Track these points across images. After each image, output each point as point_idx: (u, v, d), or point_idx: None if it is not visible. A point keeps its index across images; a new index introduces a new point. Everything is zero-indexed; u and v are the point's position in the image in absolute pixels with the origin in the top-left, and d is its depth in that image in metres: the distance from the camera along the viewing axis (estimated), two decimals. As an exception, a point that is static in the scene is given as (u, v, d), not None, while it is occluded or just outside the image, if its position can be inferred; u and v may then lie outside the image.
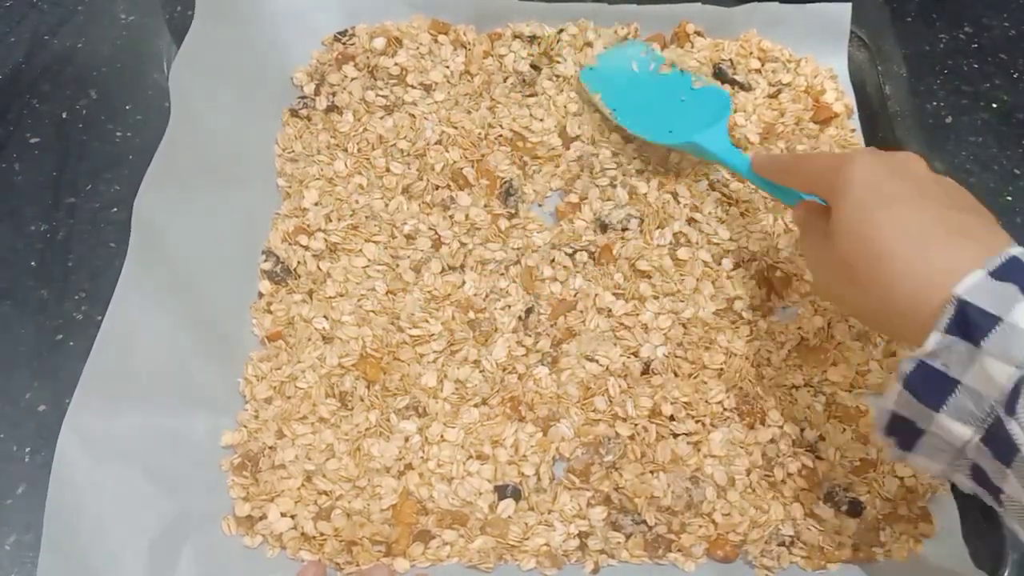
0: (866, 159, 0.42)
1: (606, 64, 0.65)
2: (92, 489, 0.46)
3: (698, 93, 0.62)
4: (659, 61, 0.64)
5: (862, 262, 0.40)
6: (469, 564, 0.48)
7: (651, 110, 0.62)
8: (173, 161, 0.55)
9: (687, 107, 0.61)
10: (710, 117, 0.59)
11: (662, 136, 0.60)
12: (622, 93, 0.63)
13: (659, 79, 0.63)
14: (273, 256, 0.57)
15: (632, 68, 0.64)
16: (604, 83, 0.63)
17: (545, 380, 0.53)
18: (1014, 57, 0.67)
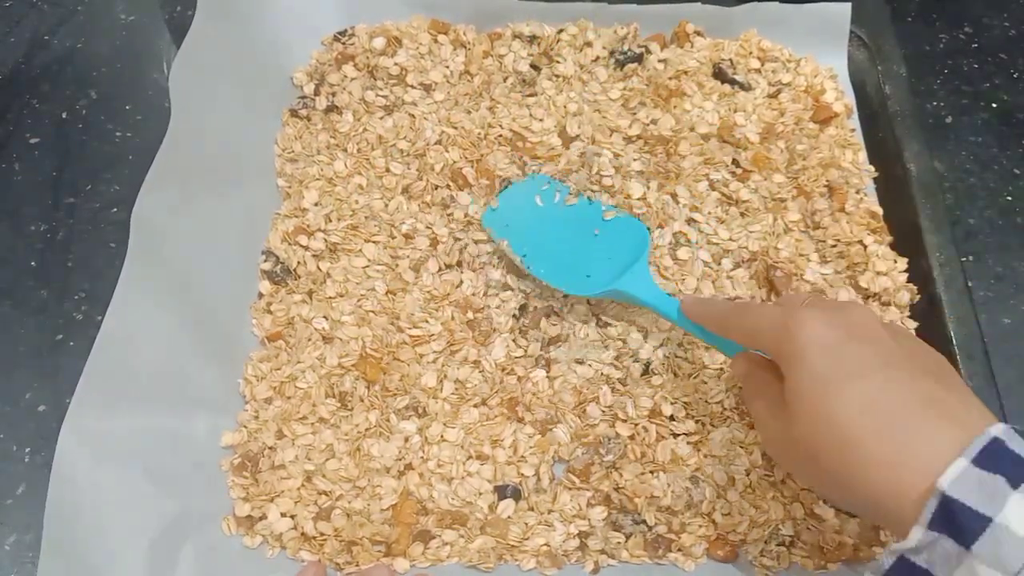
0: (816, 320, 0.38)
1: (509, 203, 0.59)
2: (92, 489, 0.46)
3: (611, 225, 0.57)
4: (564, 191, 0.59)
5: (827, 447, 0.36)
6: (469, 564, 0.48)
7: (564, 252, 0.57)
8: (174, 161, 0.55)
9: (601, 243, 0.57)
10: (628, 254, 0.54)
11: (580, 285, 0.55)
12: (530, 234, 0.57)
13: (567, 212, 0.59)
14: (273, 256, 0.57)
15: (536, 203, 0.59)
16: (510, 225, 0.58)
17: (542, 384, 0.53)
18: (1014, 57, 0.67)
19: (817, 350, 0.37)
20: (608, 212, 0.58)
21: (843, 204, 0.59)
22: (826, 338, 0.38)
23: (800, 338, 0.38)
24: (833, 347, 0.37)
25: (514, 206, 0.59)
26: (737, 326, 0.44)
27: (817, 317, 0.38)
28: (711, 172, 0.61)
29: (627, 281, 0.53)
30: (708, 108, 0.64)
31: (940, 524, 0.33)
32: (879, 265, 0.57)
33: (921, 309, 0.56)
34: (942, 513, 0.32)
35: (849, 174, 0.61)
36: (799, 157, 0.61)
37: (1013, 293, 0.57)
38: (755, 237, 0.58)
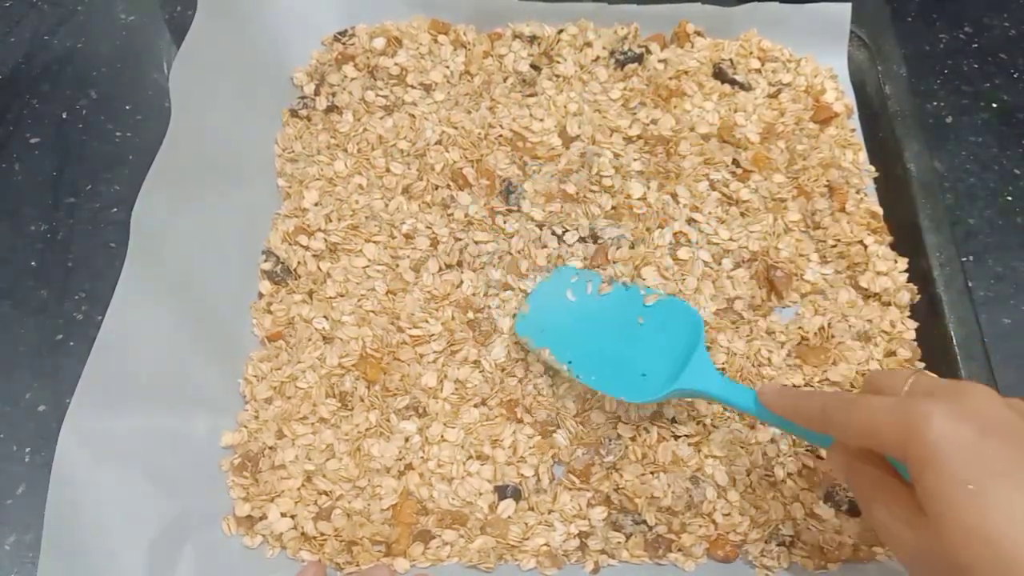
0: (943, 414, 0.34)
1: (540, 304, 0.55)
2: (92, 489, 0.46)
3: (656, 310, 0.53)
4: (596, 281, 0.55)
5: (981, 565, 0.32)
6: (469, 564, 0.48)
7: (611, 350, 0.52)
8: (174, 161, 0.55)
9: (649, 332, 0.52)
10: (681, 341, 0.50)
11: (637, 388, 0.50)
12: (570, 336, 0.53)
13: (604, 303, 0.54)
14: (273, 256, 0.57)
15: (569, 298, 0.55)
16: (546, 330, 0.53)
17: (545, 390, 0.53)
18: (1014, 57, 0.67)
19: (953, 451, 0.33)
20: (649, 297, 0.53)
21: (843, 204, 0.59)
22: (960, 436, 0.33)
23: (930, 437, 0.34)
24: (970, 446, 0.33)
25: (546, 307, 0.55)
26: (843, 423, 0.38)
27: (943, 411, 0.34)
28: (711, 172, 0.61)
29: (691, 377, 0.48)
30: (708, 108, 0.64)
31: None
32: (879, 265, 0.57)
33: (921, 309, 0.56)
34: None
35: (849, 174, 0.61)
36: (799, 157, 0.61)
37: (1013, 293, 0.57)
38: (755, 237, 0.58)
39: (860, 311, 0.56)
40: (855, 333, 0.55)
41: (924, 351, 0.55)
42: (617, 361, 0.52)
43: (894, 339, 0.55)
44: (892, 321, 0.55)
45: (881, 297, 0.56)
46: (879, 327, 0.55)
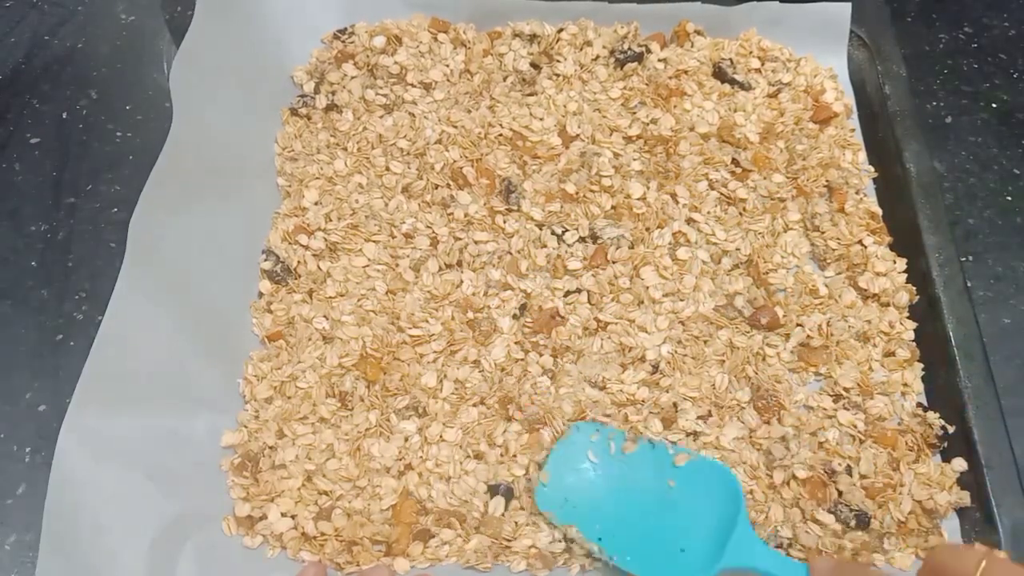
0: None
1: (560, 470, 0.50)
2: (92, 488, 0.46)
3: (688, 474, 0.49)
4: (618, 439, 0.50)
5: None
6: (467, 564, 0.48)
7: (642, 521, 0.48)
8: (176, 161, 0.55)
9: (684, 500, 0.48)
10: (719, 508, 0.47)
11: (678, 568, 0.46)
12: (597, 507, 0.48)
13: (630, 464, 0.50)
14: (273, 256, 0.57)
15: (591, 460, 0.50)
16: (569, 500, 0.49)
17: (544, 389, 0.53)
18: (1014, 57, 0.67)
19: None
20: (679, 456, 0.49)
21: (843, 204, 0.59)
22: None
23: None
24: None
25: (566, 472, 0.50)
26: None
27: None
28: (711, 172, 0.61)
29: (736, 553, 0.44)
30: (708, 108, 0.64)
31: None
32: (878, 266, 0.57)
33: (920, 309, 0.56)
34: None
35: (849, 174, 0.61)
36: (799, 157, 0.61)
37: (1013, 293, 0.57)
38: (754, 237, 0.58)
39: (859, 311, 0.56)
40: (855, 332, 0.55)
41: (923, 351, 0.55)
42: (651, 534, 0.47)
43: (893, 339, 0.55)
44: (891, 321, 0.55)
45: (880, 298, 0.56)
46: (878, 327, 0.55)
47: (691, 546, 0.46)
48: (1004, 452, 0.50)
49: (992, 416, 0.51)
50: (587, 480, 0.50)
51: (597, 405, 0.52)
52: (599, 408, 0.52)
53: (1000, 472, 0.49)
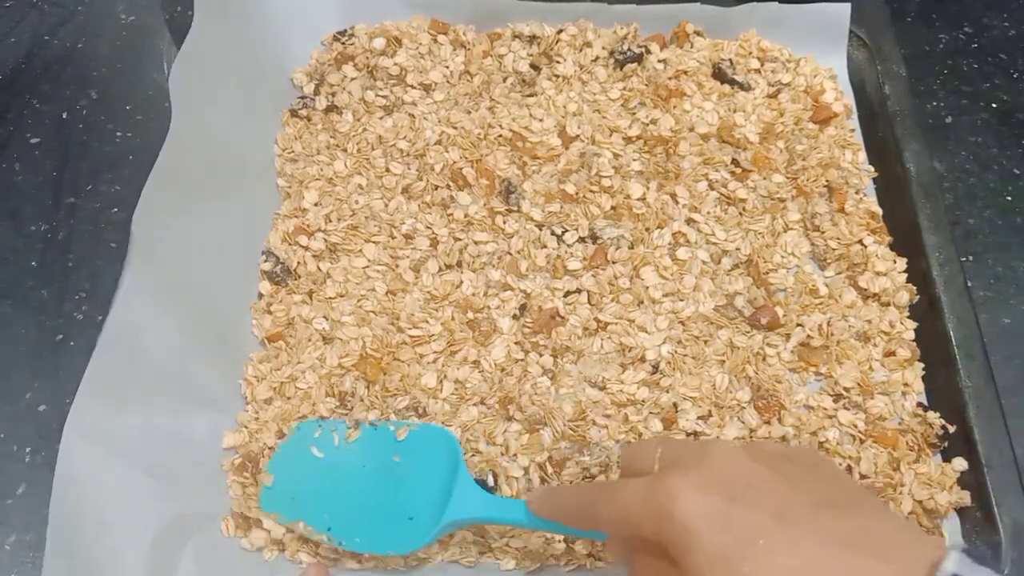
0: (687, 488, 0.33)
1: (284, 470, 0.50)
2: (96, 487, 0.46)
3: (409, 444, 0.49)
4: (342, 428, 0.51)
5: None
6: (451, 559, 0.48)
7: (371, 503, 0.48)
8: (175, 162, 0.55)
9: (408, 470, 0.49)
10: (442, 470, 0.47)
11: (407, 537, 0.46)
12: (325, 499, 0.48)
13: (355, 451, 0.50)
14: (273, 256, 0.57)
15: (316, 455, 0.50)
16: (296, 498, 0.49)
17: (544, 389, 0.53)
18: (1014, 57, 0.67)
19: (702, 528, 0.32)
20: (400, 431, 0.50)
21: (843, 204, 0.59)
22: (706, 507, 0.32)
23: (678, 515, 0.32)
24: (718, 518, 0.32)
25: (292, 471, 0.50)
26: (601, 516, 0.37)
27: (686, 484, 0.33)
28: (710, 172, 0.61)
29: (458, 507, 0.45)
30: (708, 108, 0.64)
31: None
32: (878, 265, 0.57)
33: (921, 309, 0.56)
34: None
35: (849, 174, 0.61)
36: (799, 157, 0.61)
37: (1013, 293, 0.57)
38: (754, 237, 0.58)
39: (859, 311, 0.56)
40: (855, 332, 0.55)
41: (923, 351, 0.55)
42: (380, 512, 0.48)
43: (893, 339, 0.55)
44: (891, 321, 0.55)
45: (880, 297, 0.56)
46: (878, 327, 0.55)
47: (419, 512, 0.47)
48: (1004, 452, 0.50)
49: (992, 416, 0.51)
50: (313, 474, 0.49)
51: (597, 405, 0.52)
52: (599, 408, 0.52)
53: (1000, 471, 0.49)
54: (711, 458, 0.35)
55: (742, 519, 0.32)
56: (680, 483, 0.33)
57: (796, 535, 0.31)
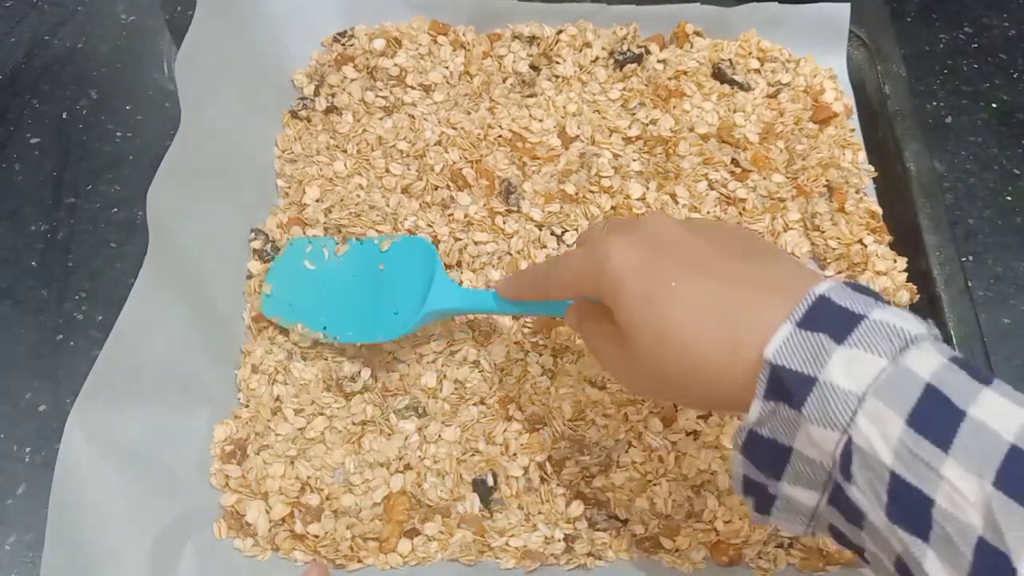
0: (619, 244, 0.38)
1: (281, 280, 0.56)
2: (96, 485, 0.46)
3: (393, 254, 0.55)
4: (331, 244, 0.57)
5: (669, 359, 0.36)
6: (451, 557, 0.48)
7: (360, 303, 0.54)
8: (181, 162, 0.55)
9: (392, 275, 0.54)
10: (422, 271, 0.52)
11: (393, 326, 0.52)
12: (319, 303, 0.54)
13: (344, 262, 0.56)
14: (263, 235, 0.58)
15: (308, 268, 0.56)
16: (293, 304, 0.55)
17: (543, 389, 0.53)
18: (1014, 57, 0.67)
19: (631, 275, 0.37)
20: (383, 242, 0.55)
21: (843, 204, 0.59)
22: (634, 259, 0.37)
23: (611, 268, 0.37)
24: (644, 266, 0.37)
25: (287, 281, 0.56)
26: (553, 284, 0.43)
27: (619, 241, 0.38)
28: (710, 172, 0.61)
29: (436, 298, 0.50)
30: (707, 108, 0.64)
31: (774, 393, 0.32)
32: (879, 265, 0.57)
33: (921, 309, 0.56)
34: (774, 383, 0.32)
35: (849, 174, 0.61)
36: (798, 157, 0.61)
37: (1013, 293, 0.57)
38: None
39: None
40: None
41: (923, 351, 0.55)
42: (369, 310, 0.54)
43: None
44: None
45: (880, 297, 0.56)
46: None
47: (403, 307, 0.52)
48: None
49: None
50: (307, 284, 0.55)
51: (597, 405, 0.52)
52: (599, 408, 0.52)
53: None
54: (644, 223, 0.39)
55: (660, 267, 0.37)
56: (613, 242, 0.38)
57: (702, 277, 0.36)
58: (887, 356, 0.30)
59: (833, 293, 0.32)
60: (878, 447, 0.30)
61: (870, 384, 0.30)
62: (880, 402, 0.30)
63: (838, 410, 0.30)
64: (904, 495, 0.29)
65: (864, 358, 0.30)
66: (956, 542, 0.28)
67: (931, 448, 0.29)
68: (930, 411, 0.29)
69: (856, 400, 0.30)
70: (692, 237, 0.38)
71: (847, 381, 0.30)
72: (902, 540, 0.30)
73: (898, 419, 0.29)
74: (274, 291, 0.55)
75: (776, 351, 0.32)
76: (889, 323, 0.31)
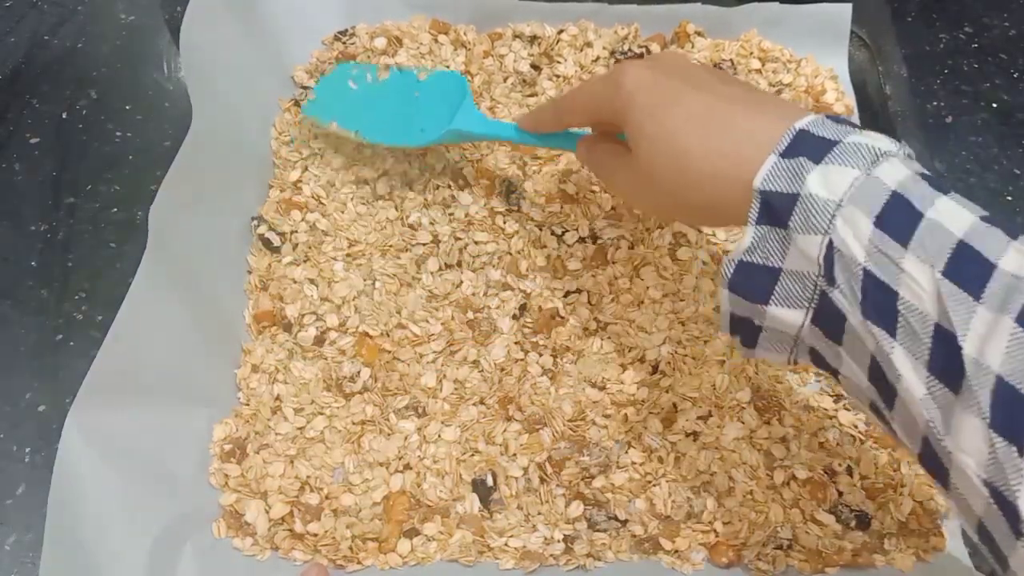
0: (636, 66, 0.42)
1: (325, 92, 0.63)
2: (95, 486, 0.45)
3: (429, 84, 0.60)
4: (373, 70, 0.62)
5: (664, 165, 0.40)
6: (451, 558, 0.48)
7: (393, 117, 0.59)
8: (192, 159, 0.55)
9: (426, 101, 0.59)
10: (453, 100, 0.57)
11: (417, 138, 0.58)
12: (355, 113, 0.60)
13: (384, 86, 0.61)
14: (264, 222, 0.58)
15: (352, 87, 0.62)
16: (332, 110, 0.61)
17: (543, 390, 0.53)
18: (1014, 57, 0.67)
19: (641, 91, 0.41)
20: (422, 73, 0.60)
21: (843, 204, 0.59)
22: (645, 77, 0.41)
23: (626, 85, 0.42)
24: (653, 85, 0.41)
25: (331, 93, 0.62)
26: (570, 109, 0.48)
27: (633, 64, 0.42)
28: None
29: (460, 120, 0.56)
30: (708, 108, 0.63)
31: (764, 219, 0.35)
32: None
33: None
34: (763, 209, 0.35)
35: (849, 174, 0.61)
36: (799, 157, 0.61)
37: (1013, 293, 0.57)
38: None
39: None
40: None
41: (924, 352, 0.55)
42: (399, 123, 0.59)
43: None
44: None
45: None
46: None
47: (429, 125, 0.57)
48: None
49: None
50: (347, 97, 0.61)
51: (597, 405, 0.52)
52: (599, 408, 0.52)
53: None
54: (658, 56, 0.44)
55: (670, 86, 0.41)
56: (628, 64, 0.43)
57: (702, 95, 0.39)
58: (860, 169, 0.34)
59: (812, 126, 0.36)
60: (852, 246, 0.33)
61: (845, 191, 0.33)
62: (853, 207, 0.33)
63: (818, 216, 0.34)
64: (874, 290, 0.33)
65: (840, 171, 0.34)
66: (917, 331, 0.32)
67: (894, 245, 0.32)
68: (893, 213, 0.32)
69: (834, 206, 0.33)
70: (699, 69, 0.42)
71: (825, 192, 0.34)
72: (875, 336, 0.33)
73: (867, 220, 0.33)
74: (318, 98, 0.62)
75: (763, 179, 0.35)
76: (862, 143, 0.34)
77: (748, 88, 0.41)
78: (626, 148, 0.43)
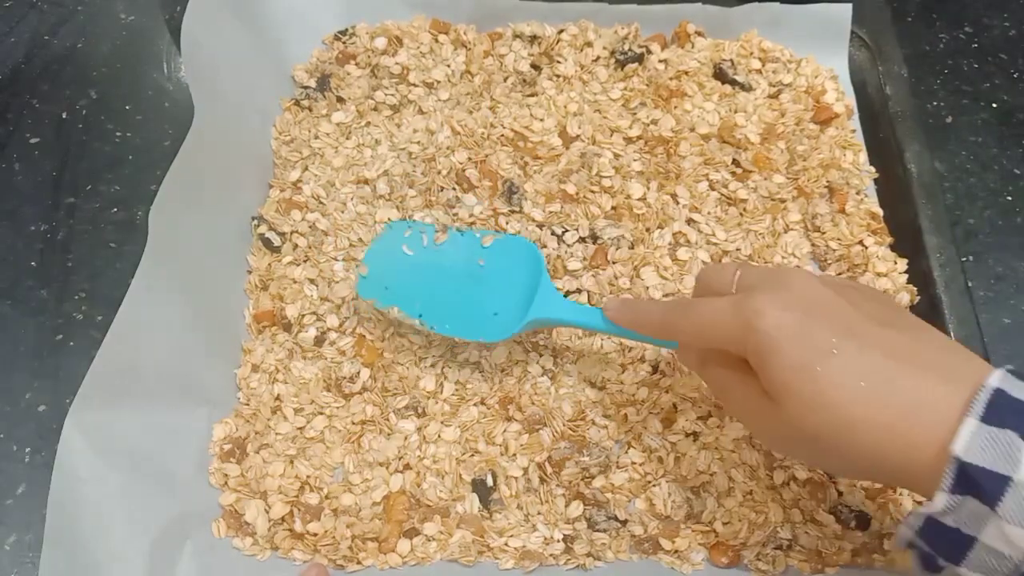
0: (770, 305, 0.37)
1: (378, 263, 0.55)
2: (95, 485, 0.45)
3: (495, 250, 0.54)
4: (430, 231, 0.55)
5: (826, 432, 0.36)
6: (450, 558, 0.48)
7: (458, 296, 0.53)
8: (192, 158, 0.55)
9: (492, 273, 0.53)
10: (525, 275, 0.51)
11: (492, 328, 0.51)
12: (415, 290, 0.53)
13: (443, 252, 0.55)
14: (265, 222, 0.58)
15: (406, 253, 0.55)
16: (390, 288, 0.54)
17: (544, 390, 0.53)
18: (1014, 57, 0.67)
19: (784, 339, 0.37)
20: (486, 238, 0.54)
21: (843, 205, 0.59)
22: (788, 324, 0.37)
23: (762, 329, 0.37)
24: (798, 332, 0.37)
25: (385, 264, 0.55)
26: (684, 328, 0.42)
27: (771, 303, 0.38)
28: (711, 172, 0.61)
29: (541, 306, 0.50)
30: (708, 108, 0.63)
31: (962, 488, 0.33)
32: (879, 266, 0.57)
33: (921, 309, 0.56)
34: (962, 478, 0.33)
35: (849, 175, 0.61)
36: (799, 158, 0.61)
37: (1013, 293, 0.57)
38: (755, 237, 0.58)
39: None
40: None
41: (924, 352, 0.55)
42: (467, 305, 0.52)
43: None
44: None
45: (881, 298, 0.56)
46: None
47: (503, 309, 0.51)
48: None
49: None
50: (404, 269, 0.54)
51: (597, 405, 0.52)
52: (599, 408, 0.52)
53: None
54: (790, 282, 0.39)
55: (817, 333, 0.37)
56: (765, 302, 0.38)
57: (861, 346, 0.36)
58: None
59: (1007, 385, 0.33)
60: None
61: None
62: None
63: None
64: None
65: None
66: None
67: None
68: None
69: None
70: (837, 300, 0.38)
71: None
72: None
73: None
74: (371, 273, 0.54)
75: (965, 448, 0.33)
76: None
77: (893, 319, 0.38)
78: (753, 378, 0.39)
